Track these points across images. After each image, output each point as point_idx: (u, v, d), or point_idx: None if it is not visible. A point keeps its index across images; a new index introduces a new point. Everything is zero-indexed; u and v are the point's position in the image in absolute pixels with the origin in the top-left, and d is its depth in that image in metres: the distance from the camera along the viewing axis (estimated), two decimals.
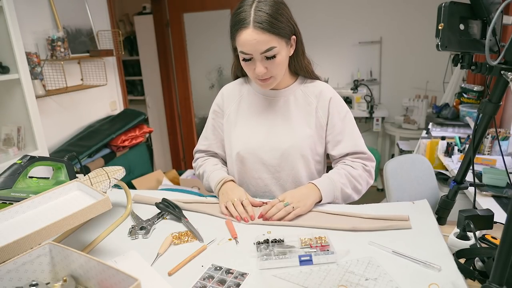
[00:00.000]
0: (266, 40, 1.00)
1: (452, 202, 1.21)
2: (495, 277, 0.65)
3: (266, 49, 1.01)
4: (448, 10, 0.87)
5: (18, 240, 0.71)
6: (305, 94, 1.20)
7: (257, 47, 1.01)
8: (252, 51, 1.02)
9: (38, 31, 2.38)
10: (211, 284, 0.78)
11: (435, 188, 1.87)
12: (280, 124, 1.18)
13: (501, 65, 0.85)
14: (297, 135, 1.16)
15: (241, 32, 1.01)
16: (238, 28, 1.01)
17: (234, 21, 1.04)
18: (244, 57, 1.05)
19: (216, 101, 1.30)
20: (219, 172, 1.22)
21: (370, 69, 3.91)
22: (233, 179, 1.20)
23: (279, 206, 1.03)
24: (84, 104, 2.85)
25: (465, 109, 2.76)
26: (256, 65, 1.04)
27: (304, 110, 1.19)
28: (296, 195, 1.06)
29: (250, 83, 1.25)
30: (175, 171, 3.64)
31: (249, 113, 1.22)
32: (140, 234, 1.00)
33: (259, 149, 1.17)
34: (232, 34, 1.06)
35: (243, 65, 1.09)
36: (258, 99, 1.22)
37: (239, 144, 1.19)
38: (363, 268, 0.80)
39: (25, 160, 1.06)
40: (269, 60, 1.04)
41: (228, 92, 1.27)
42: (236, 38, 1.03)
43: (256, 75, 1.07)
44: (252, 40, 1.00)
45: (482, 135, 1.03)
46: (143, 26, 4.07)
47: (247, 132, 1.20)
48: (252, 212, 1.05)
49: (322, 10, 3.86)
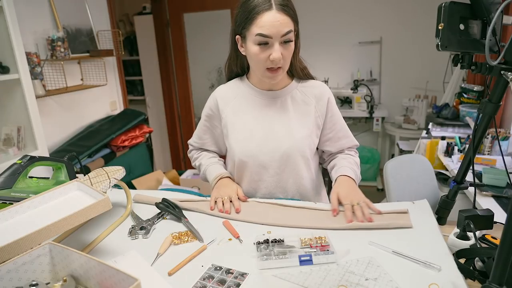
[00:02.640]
0: (287, 22, 1.02)
1: (452, 202, 1.21)
2: (495, 277, 0.65)
3: (287, 32, 1.03)
4: (448, 10, 0.87)
5: (18, 240, 0.71)
6: (303, 94, 1.20)
7: (280, 29, 1.01)
8: (273, 33, 1.02)
9: (38, 31, 2.38)
10: (211, 284, 0.78)
11: (435, 188, 1.87)
12: (278, 125, 1.17)
13: (501, 65, 0.85)
14: (296, 135, 1.16)
15: (264, 14, 1.01)
16: (259, 10, 1.01)
17: (251, 6, 1.03)
18: (260, 41, 1.03)
19: (209, 105, 1.27)
20: (215, 166, 1.28)
21: (370, 69, 3.91)
22: (229, 176, 1.24)
23: (358, 208, 1.01)
24: (84, 104, 2.85)
25: (465, 109, 2.76)
26: (274, 49, 1.03)
27: (301, 110, 1.18)
28: (353, 193, 1.08)
29: (246, 84, 1.22)
30: (175, 171, 3.64)
31: (246, 116, 1.20)
32: (140, 234, 1.00)
33: (259, 152, 1.17)
34: (247, 20, 1.04)
35: (255, 53, 1.05)
36: (255, 101, 1.20)
37: (239, 149, 1.19)
38: (363, 268, 0.80)
39: (25, 160, 1.06)
40: (285, 45, 1.05)
41: (222, 96, 1.24)
42: (256, 21, 1.02)
43: (271, 60, 1.05)
44: (276, 21, 1.01)
45: (482, 135, 1.03)
46: (143, 26, 4.07)
47: (245, 136, 1.19)
48: (239, 206, 1.10)
49: (322, 10, 3.86)
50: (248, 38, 1.05)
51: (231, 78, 1.28)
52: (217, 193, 1.16)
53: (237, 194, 1.16)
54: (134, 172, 3.05)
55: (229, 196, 1.13)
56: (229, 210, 1.09)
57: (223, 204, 1.11)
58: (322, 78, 3.82)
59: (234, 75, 1.27)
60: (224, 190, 1.17)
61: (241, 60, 1.20)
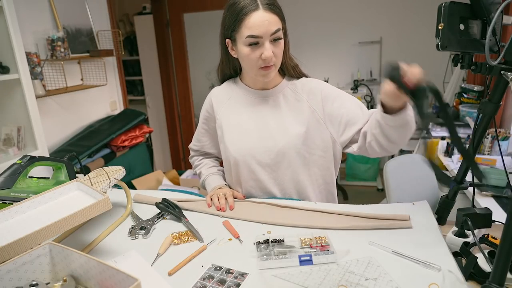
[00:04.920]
0: (275, 20, 1.04)
1: (452, 202, 1.21)
2: (495, 277, 0.65)
3: (275, 30, 1.04)
4: (448, 10, 0.87)
5: (18, 240, 0.71)
6: (294, 91, 1.20)
7: (269, 28, 1.03)
8: (263, 33, 1.03)
9: (38, 31, 2.38)
10: (211, 284, 0.78)
11: (435, 188, 1.87)
12: (272, 123, 1.18)
13: (501, 65, 0.84)
14: (289, 133, 1.15)
15: (252, 15, 1.02)
16: (246, 12, 1.02)
17: (238, 8, 1.04)
18: (251, 42, 1.04)
19: (205, 107, 1.30)
20: (215, 177, 1.31)
21: (370, 69, 3.91)
22: (227, 186, 1.27)
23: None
24: (84, 104, 2.85)
25: (465, 109, 2.76)
26: (265, 48, 1.04)
27: (294, 108, 1.18)
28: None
29: (239, 84, 1.24)
30: (175, 171, 3.65)
31: (240, 116, 1.21)
32: (140, 234, 1.00)
33: (254, 150, 1.17)
34: (235, 22, 1.05)
35: (246, 54, 1.06)
36: (248, 100, 1.21)
37: (234, 149, 1.19)
38: (363, 268, 0.80)
39: (25, 160, 1.06)
40: (275, 43, 1.06)
41: (216, 97, 1.26)
42: (244, 23, 1.03)
43: (263, 59, 1.06)
44: (264, 21, 1.02)
45: (482, 135, 1.03)
46: (143, 26, 4.07)
47: (240, 135, 1.19)
48: (232, 203, 1.13)
49: (322, 10, 3.86)
50: (238, 40, 1.07)
51: (224, 80, 1.30)
52: (212, 192, 1.22)
53: (232, 194, 1.19)
54: (134, 172, 3.05)
55: (224, 193, 1.16)
56: (224, 206, 1.12)
57: (218, 200, 1.14)
58: (322, 78, 3.82)
59: (227, 77, 1.28)
60: (219, 190, 1.22)
61: (233, 62, 1.22)
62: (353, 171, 3.90)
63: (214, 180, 1.30)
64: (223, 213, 1.09)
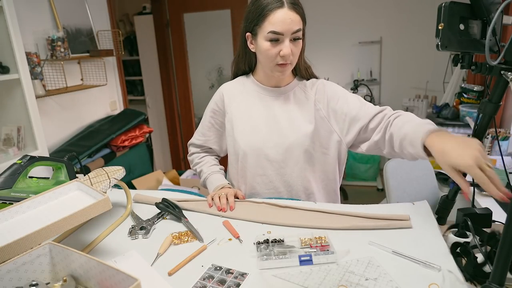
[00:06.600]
0: (297, 20, 1.07)
1: (452, 202, 1.21)
2: (495, 277, 0.65)
3: (297, 30, 1.07)
4: (448, 10, 0.87)
5: (18, 240, 0.71)
6: (304, 90, 1.23)
7: (291, 26, 1.06)
8: (285, 30, 1.06)
9: (38, 31, 2.38)
10: (211, 284, 0.78)
11: (435, 188, 1.87)
12: (282, 120, 1.20)
13: (501, 65, 0.84)
14: (299, 130, 1.17)
15: (276, 11, 1.05)
16: (271, 8, 1.06)
17: (263, 3, 1.07)
18: (272, 38, 1.07)
19: (214, 99, 1.31)
20: (217, 176, 1.30)
21: (370, 69, 3.91)
22: (229, 186, 1.26)
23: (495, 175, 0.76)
24: (84, 104, 2.85)
25: (465, 109, 2.76)
26: (284, 45, 1.07)
27: (303, 106, 1.21)
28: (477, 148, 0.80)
29: (252, 81, 1.26)
30: (175, 171, 3.65)
31: (251, 111, 1.23)
32: (140, 234, 1.00)
33: (263, 145, 1.19)
34: (259, 17, 1.08)
35: (266, 49, 1.09)
36: (260, 96, 1.23)
37: (243, 142, 1.21)
38: (363, 268, 0.80)
39: (25, 160, 1.06)
40: (295, 42, 1.09)
41: (228, 91, 1.28)
42: (268, 18, 1.06)
43: (281, 56, 1.09)
44: (287, 19, 1.05)
45: (482, 135, 1.03)
46: (143, 26, 4.07)
47: (251, 129, 1.21)
48: (233, 203, 1.12)
49: (322, 10, 3.86)
50: (260, 34, 1.09)
51: (237, 75, 1.32)
52: (214, 192, 1.21)
53: (233, 194, 1.18)
54: (134, 172, 3.05)
55: (225, 193, 1.16)
56: (225, 207, 1.11)
57: (219, 200, 1.13)
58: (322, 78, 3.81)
59: (240, 72, 1.31)
60: (221, 190, 1.21)
61: (249, 57, 1.24)
62: (353, 171, 3.90)
63: (216, 179, 1.29)
64: (223, 213, 1.09)
